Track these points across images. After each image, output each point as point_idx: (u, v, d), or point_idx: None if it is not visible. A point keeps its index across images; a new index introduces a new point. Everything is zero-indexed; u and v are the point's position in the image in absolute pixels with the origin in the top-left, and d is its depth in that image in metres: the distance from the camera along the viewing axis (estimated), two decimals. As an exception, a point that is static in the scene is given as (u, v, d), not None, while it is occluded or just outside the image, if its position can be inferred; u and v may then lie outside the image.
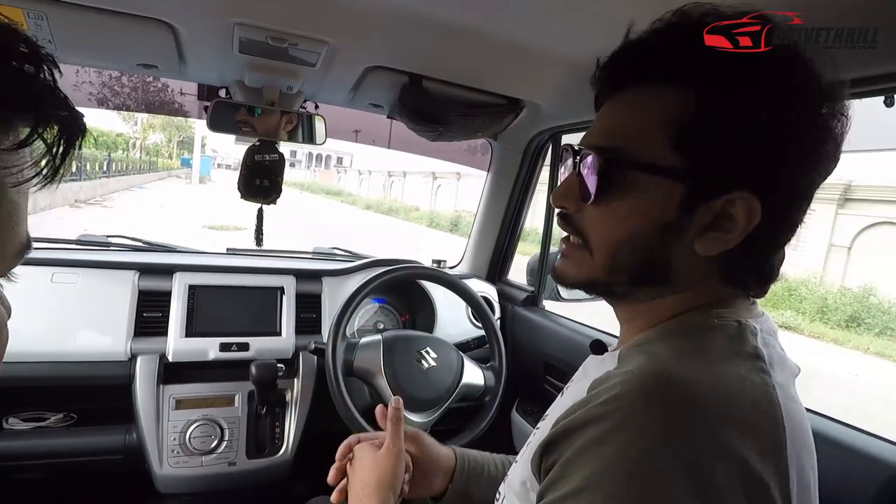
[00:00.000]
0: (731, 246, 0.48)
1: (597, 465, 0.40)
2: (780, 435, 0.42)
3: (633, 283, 0.53)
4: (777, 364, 0.48)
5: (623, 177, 0.50)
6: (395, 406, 0.80)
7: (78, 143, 0.33)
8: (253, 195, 1.35)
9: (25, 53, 0.29)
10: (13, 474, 1.23)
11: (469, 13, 0.93)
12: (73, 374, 1.25)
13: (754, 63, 0.46)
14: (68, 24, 0.96)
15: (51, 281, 1.27)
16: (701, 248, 0.48)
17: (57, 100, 0.31)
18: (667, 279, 0.52)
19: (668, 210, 0.49)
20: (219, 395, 1.33)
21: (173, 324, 1.32)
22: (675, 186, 0.48)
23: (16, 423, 1.24)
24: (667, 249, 0.50)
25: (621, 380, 0.44)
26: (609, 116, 0.54)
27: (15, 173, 0.30)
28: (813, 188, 0.49)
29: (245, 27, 0.99)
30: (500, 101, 1.31)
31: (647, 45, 0.51)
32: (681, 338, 0.49)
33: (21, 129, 0.30)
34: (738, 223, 0.47)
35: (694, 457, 0.38)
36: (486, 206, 1.79)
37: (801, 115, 0.45)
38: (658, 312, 0.54)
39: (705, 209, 0.48)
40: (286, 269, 1.51)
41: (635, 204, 0.50)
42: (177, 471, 1.25)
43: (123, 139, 32.86)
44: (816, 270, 10.92)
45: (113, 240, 1.53)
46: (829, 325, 9.35)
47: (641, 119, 0.51)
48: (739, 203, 0.46)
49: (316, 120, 1.38)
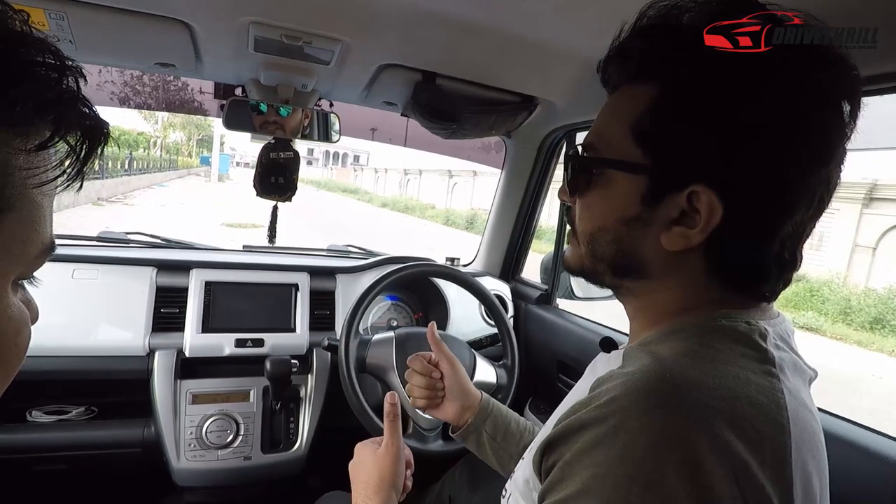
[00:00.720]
0: (694, 242, 0.47)
1: (596, 469, 0.40)
2: (785, 441, 0.41)
3: (614, 273, 0.55)
4: (789, 368, 0.46)
5: (599, 173, 0.54)
6: (391, 402, 0.80)
7: (100, 147, 0.34)
8: (268, 193, 1.37)
9: (52, 63, 0.30)
10: (36, 466, 1.26)
11: (482, 10, 0.93)
12: (94, 367, 1.27)
13: (716, 58, 0.46)
14: (87, 23, 0.98)
15: (72, 277, 1.29)
16: (666, 243, 0.49)
17: (80, 105, 0.32)
18: (644, 272, 0.53)
19: (632, 203, 0.50)
20: (234, 391, 1.35)
21: (190, 320, 1.34)
22: (639, 180, 0.50)
23: (39, 415, 1.27)
24: (635, 242, 0.52)
25: (622, 381, 0.44)
26: (599, 115, 0.57)
27: (38, 174, 0.31)
28: (798, 184, 0.46)
29: (260, 25, 0.99)
30: (514, 98, 1.30)
31: (625, 46, 0.53)
32: (686, 338, 0.48)
33: (44, 131, 0.31)
34: (701, 217, 0.46)
35: (693, 461, 0.38)
36: (499, 203, 1.79)
37: (766, 109, 0.44)
38: (659, 309, 0.54)
39: (669, 203, 0.48)
40: (301, 266, 1.53)
41: (605, 197, 0.53)
42: (193, 464, 1.27)
43: (144, 138, 33.48)
44: (840, 271, 10.70)
45: (132, 237, 1.57)
46: (853, 326, 9.15)
47: (612, 116, 0.54)
48: (703, 198, 0.46)
49: (331, 118, 1.39)
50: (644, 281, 0.54)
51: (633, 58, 0.52)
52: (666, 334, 0.50)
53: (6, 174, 0.29)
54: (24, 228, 0.31)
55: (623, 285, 0.56)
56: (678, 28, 0.49)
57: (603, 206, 0.54)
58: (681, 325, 0.50)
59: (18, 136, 0.29)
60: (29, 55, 0.29)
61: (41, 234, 0.33)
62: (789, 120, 0.44)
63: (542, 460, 0.48)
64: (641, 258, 0.52)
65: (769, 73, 0.44)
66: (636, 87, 0.51)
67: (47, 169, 0.31)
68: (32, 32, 0.30)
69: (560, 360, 1.52)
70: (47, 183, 0.32)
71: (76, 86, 0.32)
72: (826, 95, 0.45)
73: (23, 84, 0.29)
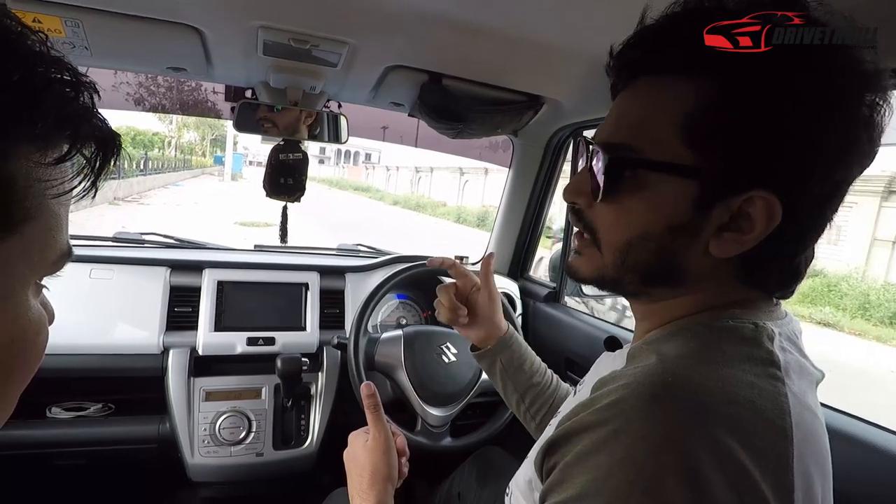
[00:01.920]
0: (747, 248, 0.45)
1: (597, 472, 0.40)
2: (787, 446, 0.40)
3: (644, 282, 0.52)
4: (795, 370, 0.45)
5: (633, 175, 0.48)
6: (366, 393, 0.78)
7: (113, 159, 0.36)
8: (278, 193, 1.39)
9: (68, 80, 0.32)
10: (57, 460, 1.30)
11: (487, 11, 0.93)
12: (111, 365, 1.31)
13: (775, 54, 0.42)
14: (102, 29, 1.00)
15: (89, 277, 1.33)
16: (716, 250, 0.46)
17: (95, 120, 0.34)
18: (680, 280, 0.50)
19: (681, 210, 0.46)
20: (246, 388, 1.37)
21: (203, 318, 1.37)
22: (689, 185, 0.46)
23: (59, 412, 1.31)
24: (680, 250, 0.48)
25: (624, 382, 0.43)
26: (621, 110, 0.52)
27: (56, 185, 0.32)
28: (844, 185, 0.45)
29: (268, 30, 1.01)
30: (520, 97, 1.31)
31: (660, 33, 0.48)
32: (691, 339, 0.47)
33: (62, 145, 0.32)
34: (756, 224, 0.44)
35: (693, 467, 0.37)
36: (507, 202, 1.79)
37: (829, 108, 0.42)
38: (672, 311, 0.52)
39: (722, 208, 0.45)
40: (311, 265, 1.55)
41: (646, 203, 0.48)
42: (207, 460, 1.30)
43: (159, 138, 33.90)
44: (858, 265, 10.51)
45: (146, 237, 1.60)
46: (872, 321, 8.99)
47: (653, 113, 0.48)
48: (759, 202, 0.43)
49: (339, 119, 1.40)
50: (671, 288, 0.51)
51: (671, 47, 0.47)
52: (672, 333, 0.49)
53: (27, 186, 0.30)
54: (43, 236, 0.33)
55: (647, 291, 0.53)
56: (732, 15, 0.44)
57: (644, 212, 0.48)
58: (687, 323, 0.49)
59: (38, 151, 0.31)
60: (48, 73, 0.31)
61: (59, 242, 0.34)
62: (843, 126, 0.43)
63: (543, 461, 0.48)
64: (683, 266, 0.49)
65: (829, 79, 0.42)
66: (682, 80, 0.46)
67: (64, 180, 0.33)
68: (50, 52, 0.31)
69: (568, 358, 1.52)
70: (65, 193, 0.33)
71: (91, 101, 0.33)
72: (869, 100, 0.43)
73: (43, 100, 0.30)
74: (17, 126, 0.29)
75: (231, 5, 0.95)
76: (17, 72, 0.29)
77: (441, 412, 1.25)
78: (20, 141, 0.30)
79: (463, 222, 21.72)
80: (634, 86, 0.51)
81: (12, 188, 0.30)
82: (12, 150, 0.29)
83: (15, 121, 0.29)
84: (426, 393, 1.27)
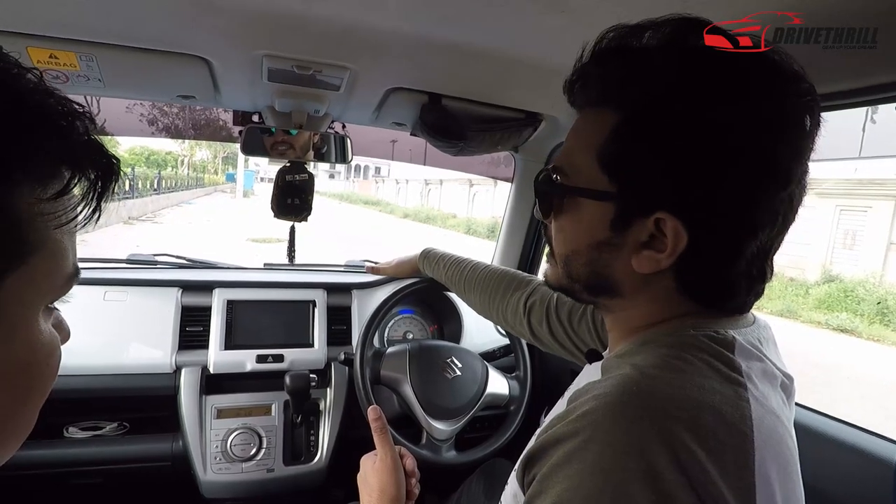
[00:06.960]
0: (663, 265, 0.49)
1: (569, 482, 0.41)
2: (748, 449, 0.42)
3: (590, 292, 0.57)
4: (757, 375, 0.47)
5: (564, 196, 0.56)
6: (373, 417, 0.82)
7: (113, 186, 0.37)
8: (285, 213, 1.42)
9: (61, 111, 0.33)
10: (74, 479, 1.32)
11: (482, 35, 0.96)
12: (126, 385, 1.34)
13: (673, 87, 0.46)
14: (114, 62, 1.05)
15: (104, 299, 1.37)
16: (636, 266, 0.50)
17: (92, 149, 0.35)
18: (618, 291, 0.54)
19: (601, 228, 0.52)
20: (257, 405, 1.39)
21: (213, 337, 1.40)
22: (606, 206, 0.51)
23: (76, 432, 1.33)
24: (608, 264, 0.53)
25: (595, 394, 0.45)
26: (568, 137, 0.58)
27: (58, 216, 0.33)
28: (761, 208, 0.47)
29: (272, 58, 1.05)
30: (519, 115, 1.33)
31: (585, 71, 0.54)
32: (658, 348, 0.49)
33: (62, 178, 0.33)
34: (669, 243, 0.48)
35: (654, 470, 0.39)
36: (511, 216, 1.81)
37: (725, 135, 0.45)
38: (630, 321, 0.56)
39: (638, 228, 0.50)
40: (317, 283, 1.58)
41: (575, 222, 0.55)
42: (220, 477, 1.32)
43: (172, 157, 34.50)
44: (875, 270, 10.33)
45: (159, 258, 1.64)
46: (891, 327, 8.81)
47: (578, 142, 0.54)
48: (669, 223, 0.47)
49: (345, 140, 1.44)
50: (618, 299, 0.55)
51: (592, 83, 0.53)
52: (640, 345, 0.52)
53: (30, 220, 0.31)
54: (49, 264, 0.34)
55: (599, 302, 0.59)
56: (636, 52, 0.49)
57: (574, 230, 0.55)
58: (653, 335, 0.52)
59: (39, 186, 0.32)
60: (41, 109, 0.31)
61: (64, 267, 0.36)
62: (750, 146, 0.45)
63: (524, 474, 0.50)
64: (614, 279, 0.54)
65: (730, 100, 0.45)
66: (599, 111, 0.52)
67: (66, 210, 0.34)
68: (43, 85, 0.32)
69: (573, 369, 1.52)
70: (67, 223, 0.34)
71: (86, 130, 0.34)
72: (788, 117, 0.46)
73: (37, 131, 0.31)
74: (15, 169, 0.30)
75: (236, 36, 0.98)
76: (11, 115, 0.29)
77: (446, 426, 1.27)
78: (21, 183, 0.31)
79: (473, 234, 21.73)
80: (580, 115, 0.57)
81: (16, 225, 0.31)
82: (15, 191, 0.30)
83: (13, 165, 0.30)
84: (431, 407, 1.28)
